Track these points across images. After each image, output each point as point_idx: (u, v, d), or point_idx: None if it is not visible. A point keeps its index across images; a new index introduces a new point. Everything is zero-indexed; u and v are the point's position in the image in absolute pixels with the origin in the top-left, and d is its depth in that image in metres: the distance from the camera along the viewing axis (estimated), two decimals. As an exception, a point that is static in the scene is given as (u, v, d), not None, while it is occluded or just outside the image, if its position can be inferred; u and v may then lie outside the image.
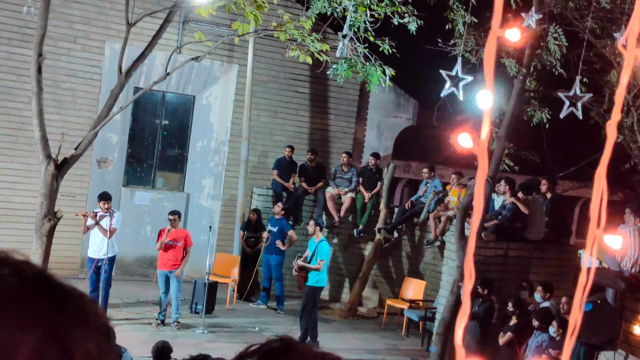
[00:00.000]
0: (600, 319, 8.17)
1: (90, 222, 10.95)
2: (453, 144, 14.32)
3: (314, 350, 1.12)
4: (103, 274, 10.82)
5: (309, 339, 10.94)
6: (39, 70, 10.65)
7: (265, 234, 13.06)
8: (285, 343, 1.12)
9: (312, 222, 11.71)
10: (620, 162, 14.68)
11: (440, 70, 8.58)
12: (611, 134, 1.19)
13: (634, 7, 1.09)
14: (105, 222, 10.86)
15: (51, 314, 0.95)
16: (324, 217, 14.43)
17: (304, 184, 14.37)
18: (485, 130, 1.22)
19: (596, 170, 1.25)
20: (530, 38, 10.03)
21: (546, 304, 9.79)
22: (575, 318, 1.21)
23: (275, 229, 13.00)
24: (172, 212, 11.64)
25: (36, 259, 10.87)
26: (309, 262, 11.29)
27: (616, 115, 1.18)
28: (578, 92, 7.94)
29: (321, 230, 11.67)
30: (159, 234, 11.57)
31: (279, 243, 12.47)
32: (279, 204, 13.48)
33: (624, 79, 1.13)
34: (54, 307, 0.96)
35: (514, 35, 6.82)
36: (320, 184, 14.42)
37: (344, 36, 10.13)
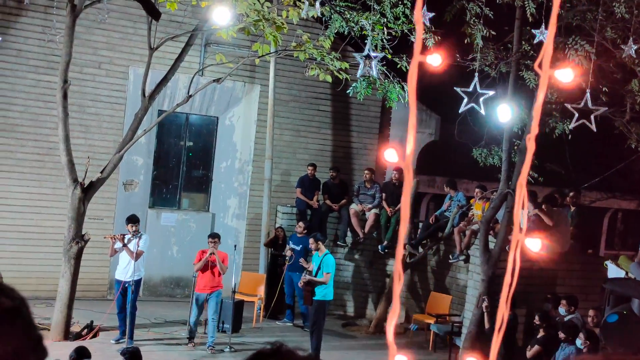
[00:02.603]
0: (627, 330, 8.10)
1: (118, 244, 11.06)
2: (475, 157, 14.30)
3: (300, 354, 1.24)
4: (130, 295, 10.93)
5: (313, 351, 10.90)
6: (65, 97, 10.91)
7: (288, 252, 13.11)
8: (274, 346, 1.25)
9: (311, 240, 11.74)
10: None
11: (456, 88, 8.63)
12: (530, 147, 1.26)
13: (548, 29, 1.15)
14: (132, 245, 10.98)
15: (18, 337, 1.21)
16: (348, 233, 14.49)
17: (327, 202, 14.46)
18: (410, 145, 1.29)
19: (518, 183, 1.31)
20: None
21: (571, 316, 9.72)
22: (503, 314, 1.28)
23: (298, 248, 13.06)
24: (212, 235, 11.64)
25: (65, 281, 11.08)
26: (314, 276, 11.34)
27: (534, 129, 1.24)
28: (589, 104, 7.93)
29: (323, 243, 11.68)
30: (198, 256, 11.43)
31: (302, 261, 12.53)
32: (301, 222, 13.54)
33: (540, 97, 1.19)
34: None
35: (435, 60, 6.87)
36: (344, 201, 14.49)
37: (367, 57, 10.22)
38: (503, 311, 1.29)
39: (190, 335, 11.31)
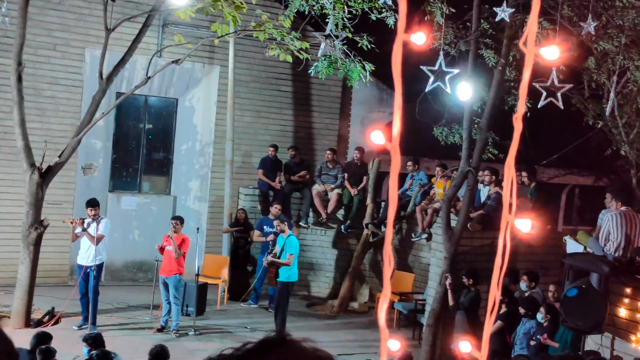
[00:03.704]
0: (586, 304, 8.26)
1: (78, 229, 10.91)
2: (435, 135, 14.39)
3: (307, 345, 1.24)
4: (92, 280, 10.80)
5: None
6: (19, 79, 10.66)
7: (270, 237, 12.85)
8: (281, 336, 1.25)
9: (276, 222, 11.70)
10: (603, 148, 14.83)
11: (422, 67, 8.63)
12: (517, 126, 1.26)
13: (532, 7, 1.14)
14: (92, 229, 10.83)
15: None
16: (311, 214, 14.50)
17: (291, 177, 14.41)
18: (397, 126, 1.28)
19: (508, 159, 1.31)
20: (508, 30, 10.12)
21: (532, 291, 9.88)
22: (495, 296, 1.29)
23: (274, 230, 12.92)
24: (174, 217, 11.56)
25: (24, 268, 10.89)
26: (278, 258, 11.32)
27: (521, 108, 1.24)
28: (556, 82, 8.02)
29: (287, 225, 11.64)
30: (163, 240, 11.34)
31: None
32: (276, 205, 13.37)
33: (526, 74, 1.18)
34: None
35: (420, 38, 6.92)
36: (303, 172, 14.47)
37: (327, 36, 10.17)
38: (494, 293, 1.29)
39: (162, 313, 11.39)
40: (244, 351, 1.26)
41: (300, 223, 14.30)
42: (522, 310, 9.33)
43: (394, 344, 4.85)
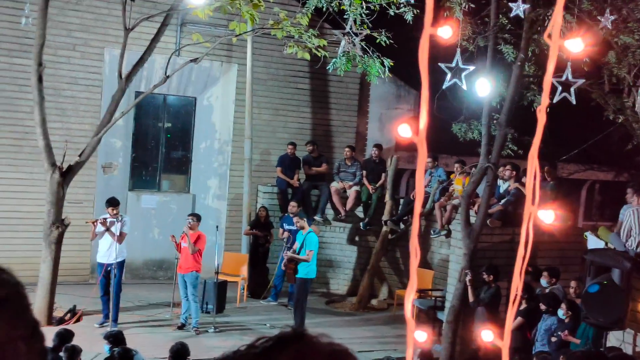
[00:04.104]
0: (607, 300, 8.20)
1: (100, 228, 10.99)
2: (455, 132, 14.34)
3: (323, 340, 1.24)
4: (113, 278, 10.88)
5: None
6: (40, 80, 10.76)
7: (285, 234, 12.97)
8: (298, 332, 1.25)
9: (296, 218, 11.75)
10: (624, 143, 14.68)
11: (440, 64, 8.61)
12: (541, 118, 1.25)
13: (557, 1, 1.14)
14: (114, 228, 10.92)
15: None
16: (330, 211, 14.49)
17: (307, 173, 14.44)
18: (423, 119, 1.28)
19: (531, 150, 1.31)
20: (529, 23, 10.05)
21: (552, 288, 9.83)
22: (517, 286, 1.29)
23: (293, 228, 12.96)
24: (190, 214, 11.64)
25: (46, 266, 11.00)
26: (297, 254, 11.36)
27: (545, 100, 1.23)
28: (570, 77, 7.96)
29: (307, 221, 11.67)
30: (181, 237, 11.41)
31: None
32: (293, 202, 13.44)
33: (550, 66, 1.18)
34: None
35: (446, 32, 6.95)
36: (322, 167, 14.48)
37: (346, 33, 10.17)
38: (517, 283, 1.29)
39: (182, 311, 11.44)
40: (261, 348, 1.25)
41: (316, 217, 14.22)
42: (543, 307, 9.28)
43: (421, 335, 4.85)
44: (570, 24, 10.07)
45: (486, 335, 6.17)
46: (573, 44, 5.88)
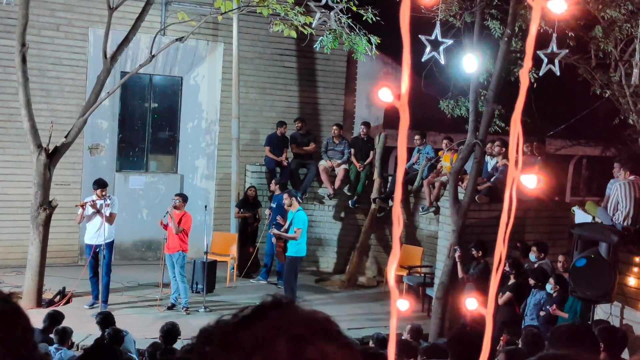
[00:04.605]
0: (595, 273, 8.27)
1: (89, 210, 10.94)
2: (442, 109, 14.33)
3: (303, 308, 1.24)
4: (102, 259, 10.87)
5: None
6: (24, 60, 10.64)
7: (267, 211, 13.11)
8: (277, 299, 1.25)
9: (286, 195, 11.75)
10: (611, 118, 14.73)
11: (420, 36, 8.58)
12: (524, 81, 1.24)
13: None
14: (103, 209, 10.89)
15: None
16: (322, 190, 14.49)
17: (295, 151, 14.42)
18: (405, 84, 1.26)
19: (512, 115, 1.30)
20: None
21: (541, 262, 9.89)
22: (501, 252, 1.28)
23: (274, 205, 13.05)
24: (177, 194, 11.60)
25: (34, 249, 10.95)
26: (286, 232, 11.40)
27: (527, 62, 1.22)
28: (555, 49, 7.96)
29: (296, 199, 11.68)
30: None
31: (279, 218, 12.50)
32: (274, 181, 13.53)
33: (533, 28, 1.17)
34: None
35: None
36: (310, 147, 14.47)
37: (330, 9, 10.10)
38: (501, 250, 1.28)
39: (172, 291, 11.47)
40: (241, 317, 1.25)
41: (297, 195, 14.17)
42: (531, 282, 9.34)
43: (403, 303, 4.88)
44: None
45: (470, 303, 6.20)
46: (556, 4, 5.86)
